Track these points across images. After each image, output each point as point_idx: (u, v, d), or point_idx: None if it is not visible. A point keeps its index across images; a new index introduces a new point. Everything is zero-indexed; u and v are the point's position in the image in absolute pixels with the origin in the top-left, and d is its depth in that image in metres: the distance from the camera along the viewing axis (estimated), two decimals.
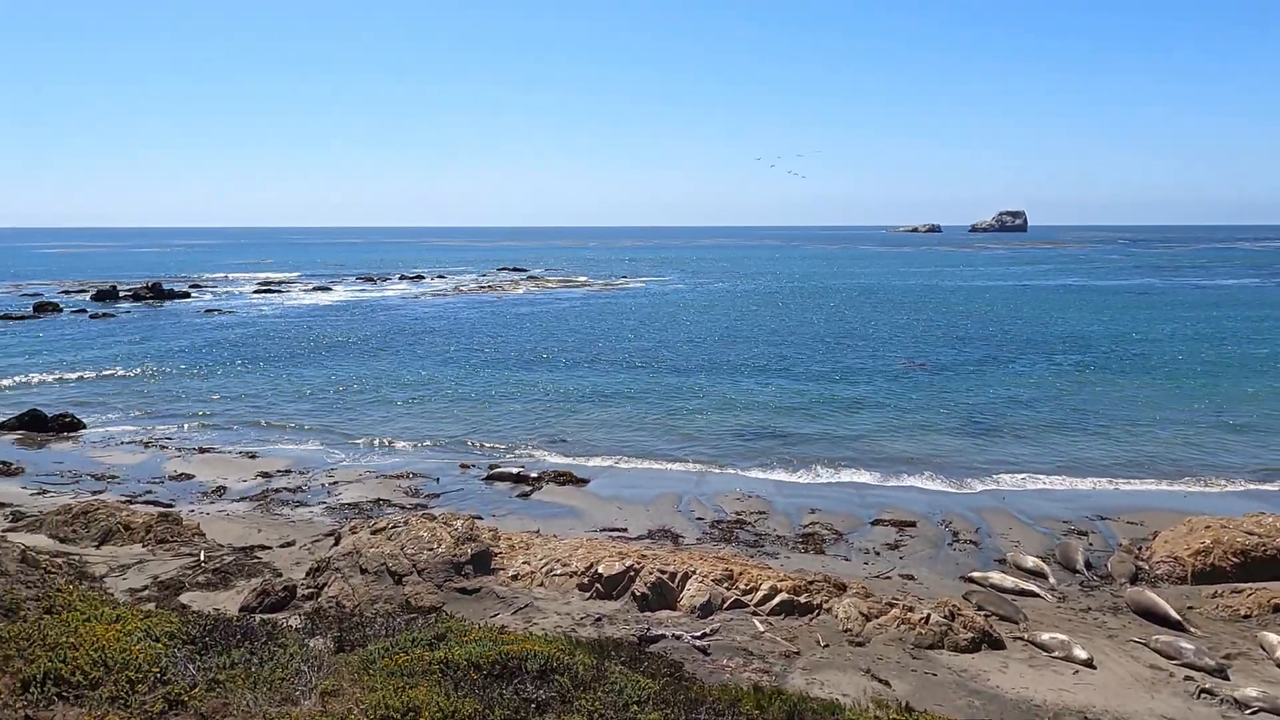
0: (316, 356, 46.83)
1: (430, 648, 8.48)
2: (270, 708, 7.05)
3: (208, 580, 16.57)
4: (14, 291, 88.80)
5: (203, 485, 23.85)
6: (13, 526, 19.11)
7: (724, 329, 57.97)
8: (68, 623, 9.08)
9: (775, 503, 22.37)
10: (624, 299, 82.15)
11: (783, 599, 14.81)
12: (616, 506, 22.07)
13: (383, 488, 23.62)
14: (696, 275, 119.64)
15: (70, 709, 7.04)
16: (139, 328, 60.37)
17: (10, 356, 46.53)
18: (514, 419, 31.84)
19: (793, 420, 31.06)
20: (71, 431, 29.68)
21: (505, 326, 60.06)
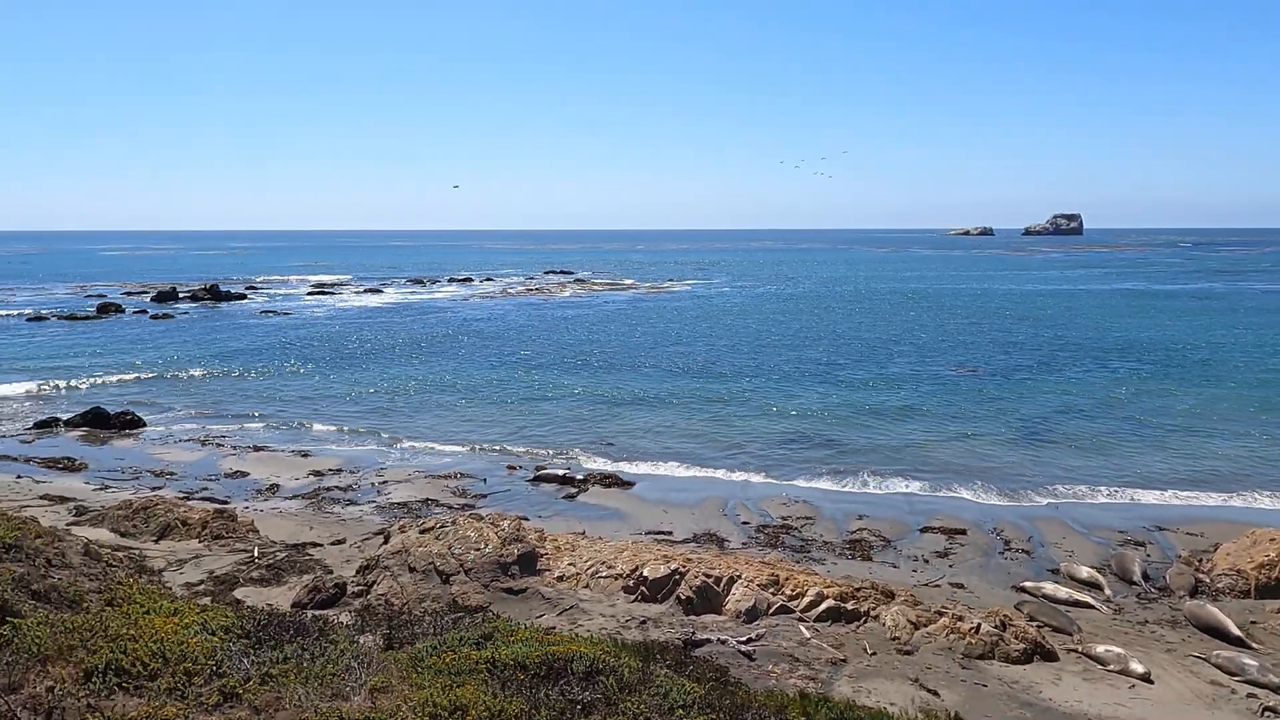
0: (367, 358, 47.58)
1: (477, 647, 8.56)
2: (321, 702, 7.17)
3: (261, 576, 16.91)
4: (79, 293, 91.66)
5: (257, 483, 24.36)
6: (76, 520, 19.70)
7: (770, 333, 57.66)
8: (128, 615, 9.33)
9: (822, 508, 22.18)
10: (670, 302, 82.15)
11: (829, 605, 14.68)
12: (662, 510, 22.07)
13: (431, 488, 23.91)
14: (743, 279, 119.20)
15: (130, 699, 7.22)
16: (197, 328, 61.90)
17: (75, 356, 48.03)
18: (561, 421, 32.01)
19: (840, 426, 30.77)
20: (133, 429, 30.53)
21: (552, 329, 60.42)
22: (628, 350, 49.53)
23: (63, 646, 8.00)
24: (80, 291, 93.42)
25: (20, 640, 8.07)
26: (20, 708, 6.57)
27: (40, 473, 24.94)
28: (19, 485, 23.27)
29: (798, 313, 71.10)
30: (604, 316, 68.91)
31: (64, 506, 21.08)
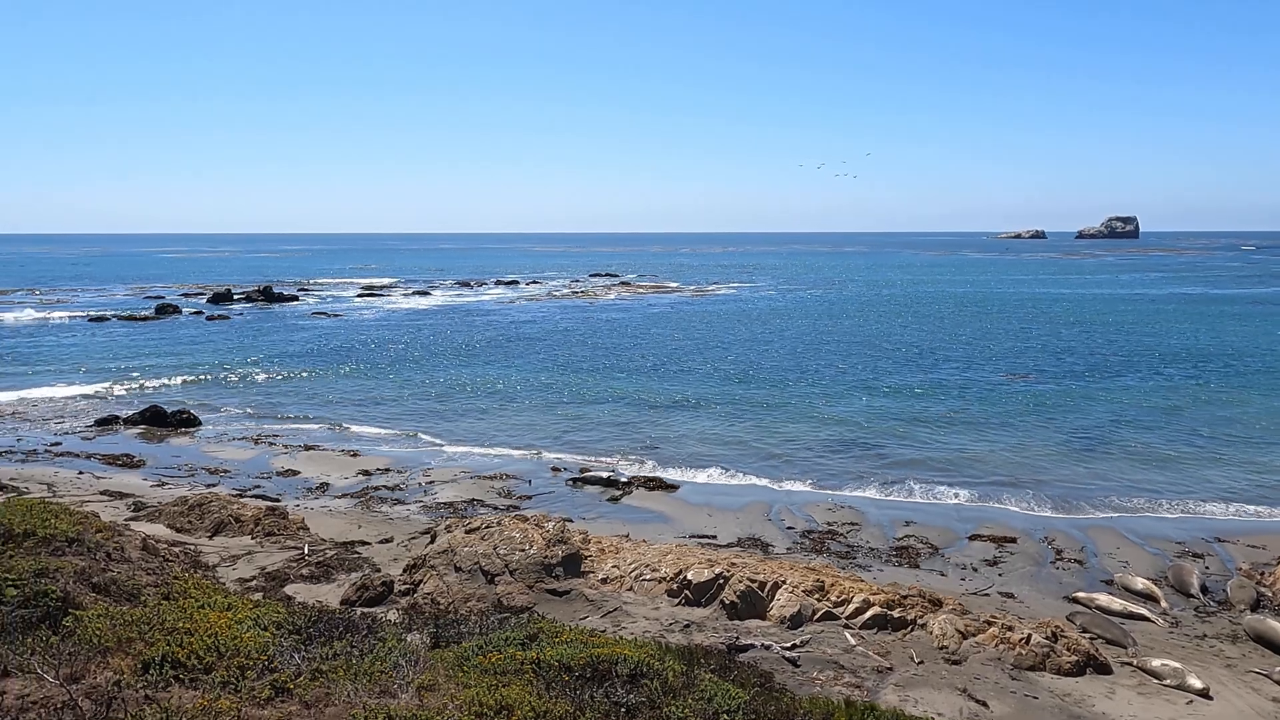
0: (415, 359, 48.17)
1: (523, 647, 8.61)
2: (370, 699, 7.27)
3: (311, 573, 17.20)
4: (138, 294, 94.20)
5: (307, 482, 24.79)
6: (134, 516, 20.23)
7: (815, 337, 57.22)
8: (184, 609, 9.56)
9: (868, 514, 21.95)
10: (714, 305, 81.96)
11: (875, 613, 14.51)
12: (706, 513, 22.01)
13: (476, 488, 24.12)
14: (787, 282, 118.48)
15: (186, 691, 7.39)
16: (251, 329, 63.22)
17: (134, 355, 49.36)
18: (605, 424, 32.10)
19: (886, 432, 30.41)
20: (189, 427, 31.27)
21: (596, 332, 60.62)
22: (672, 353, 49.50)
23: (122, 638, 8.22)
24: (139, 293, 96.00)
25: (82, 632, 8.32)
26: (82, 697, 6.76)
27: (101, 469, 25.67)
28: (80, 481, 23.97)
29: (843, 317, 70.47)
30: (648, 319, 68.98)
31: (123, 502, 21.66)
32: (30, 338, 57.66)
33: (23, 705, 6.48)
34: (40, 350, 51.59)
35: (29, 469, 25.20)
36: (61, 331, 61.32)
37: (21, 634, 8.20)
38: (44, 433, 30.36)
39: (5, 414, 33.41)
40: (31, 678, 7.12)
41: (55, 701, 6.59)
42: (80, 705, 6.60)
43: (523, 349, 52.02)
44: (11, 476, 23.86)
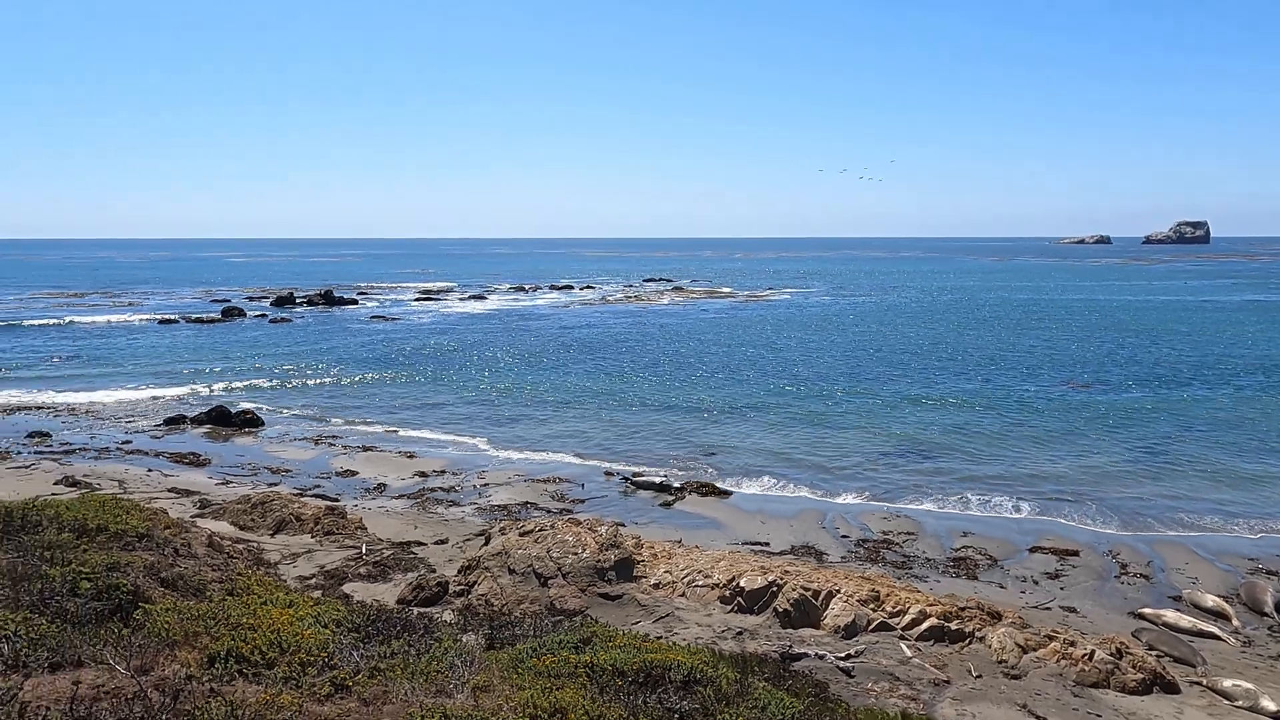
0: (471, 363, 48.75)
1: (576, 651, 8.65)
2: (426, 698, 7.36)
3: (368, 572, 17.50)
4: (204, 297, 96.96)
5: (365, 482, 25.23)
6: (200, 513, 20.80)
7: (870, 343, 56.54)
8: (247, 605, 9.81)
9: (924, 524, 21.60)
10: (768, 311, 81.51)
11: (932, 624, 14.27)
12: (759, 520, 21.87)
13: (530, 491, 24.31)
14: (842, 288, 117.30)
15: (249, 686, 7.57)
16: (312, 332, 64.62)
17: (202, 357, 50.82)
18: (658, 429, 32.10)
19: (943, 441, 29.90)
20: (252, 428, 32.06)
21: (650, 337, 60.70)
22: (726, 359, 49.34)
23: (188, 632, 8.46)
24: (206, 296, 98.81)
25: (151, 625, 8.58)
26: (151, 688, 6.97)
27: (168, 466, 26.46)
28: (149, 478, 24.72)
29: (899, 323, 69.50)
30: (701, 325, 68.86)
31: (189, 499, 22.28)
32: (103, 339, 59.71)
33: (96, 695, 6.70)
34: (113, 351, 53.40)
35: (101, 466, 26.08)
36: (133, 333, 63.39)
37: (94, 625, 8.48)
38: (116, 431, 31.39)
39: (80, 412, 34.63)
40: (104, 668, 7.36)
41: (126, 692, 6.80)
42: (150, 696, 6.80)
43: (576, 354, 52.31)
44: (85, 473, 24.73)
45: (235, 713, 6.58)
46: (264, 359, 49.89)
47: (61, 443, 29.26)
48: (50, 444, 29.07)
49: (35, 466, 25.79)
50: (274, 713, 6.83)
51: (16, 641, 7.34)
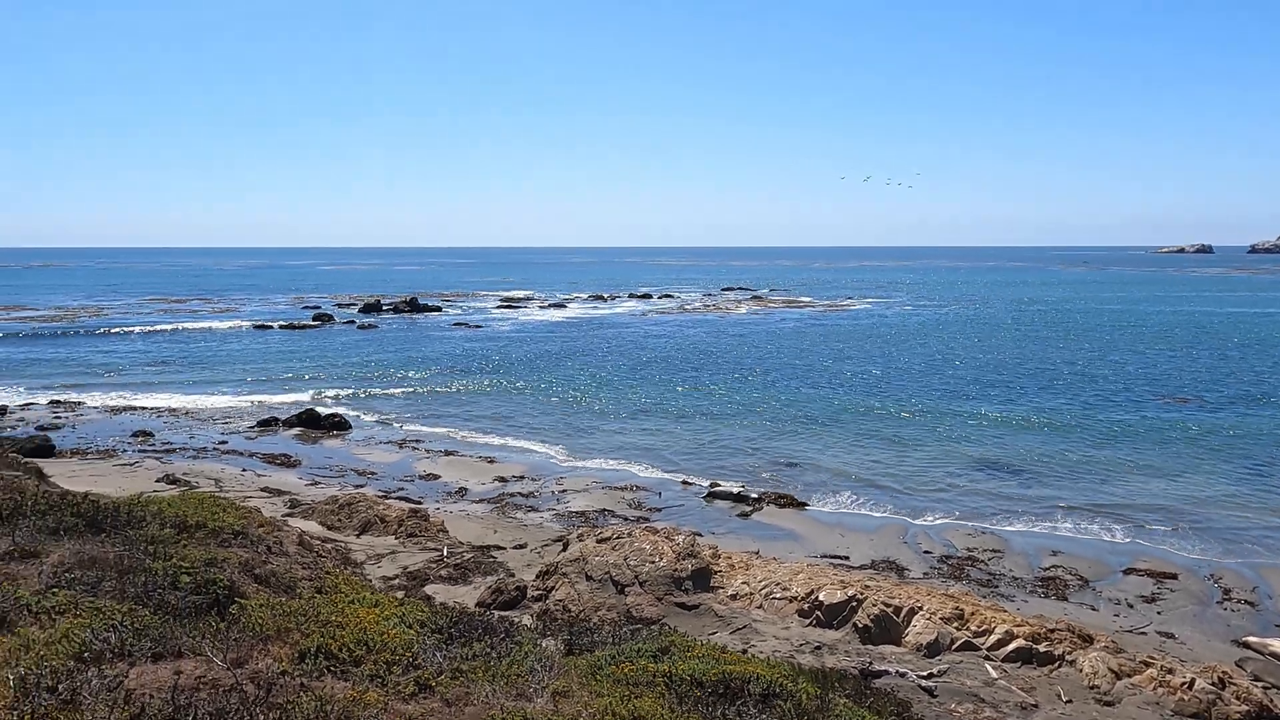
0: (551, 370, 49.32)
1: (655, 659, 8.65)
2: (507, 701, 7.45)
3: (449, 574, 17.83)
4: (296, 304, 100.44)
5: (447, 486, 25.73)
6: (290, 512, 21.51)
7: (955, 355, 55.19)
8: (335, 603, 10.08)
9: (1011, 541, 20.96)
10: (848, 321, 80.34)
11: (1019, 645, 13.82)
12: (838, 533, 21.55)
13: (608, 498, 24.44)
14: (925, 298, 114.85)
15: (337, 682, 7.78)
16: (398, 338, 66.31)
17: (294, 361, 52.65)
18: (737, 439, 31.93)
19: (1030, 457, 28.98)
20: (340, 430, 33.03)
21: (729, 346, 60.45)
22: (805, 370, 48.81)
23: (280, 628, 8.74)
24: (298, 303, 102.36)
25: (246, 620, 8.89)
26: (246, 680, 7.23)
27: (261, 467, 27.46)
28: (244, 478, 25.70)
29: (984, 334, 67.68)
30: (781, 335, 68.27)
31: (280, 499, 23.07)
32: (203, 344, 62.39)
33: (195, 685, 6.98)
34: (212, 355, 55.75)
35: (199, 465, 27.22)
36: (230, 338, 66.07)
37: (193, 618, 8.83)
38: (213, 431, 32.72)
39: (180, 413, 36.22)
40: (202, 660, 7.66)
41: (223, 684, 7.07)
42: (245, 689, 7.05)
43: (654, 362, 52.42)
44: (184, 471, 25.85)
45: (324, 708, 6.77)
46: (352, 364, 51.39)
47: (163, 442, 30.64)
48: (153, 443, 30.47)
49: (139, 464, 27.07)
50: (360, 710, 7.00)
51: (123, 631, 7.70)
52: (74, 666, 6.85)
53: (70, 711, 6.15)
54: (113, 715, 6.10)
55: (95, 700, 6.33)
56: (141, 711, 6.20)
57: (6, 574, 9.33)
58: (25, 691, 6.27)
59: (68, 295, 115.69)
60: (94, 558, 9.86)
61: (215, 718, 6.24)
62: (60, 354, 55.61)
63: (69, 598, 8.57)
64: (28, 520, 11.06)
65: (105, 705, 6.27)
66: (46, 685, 6.39)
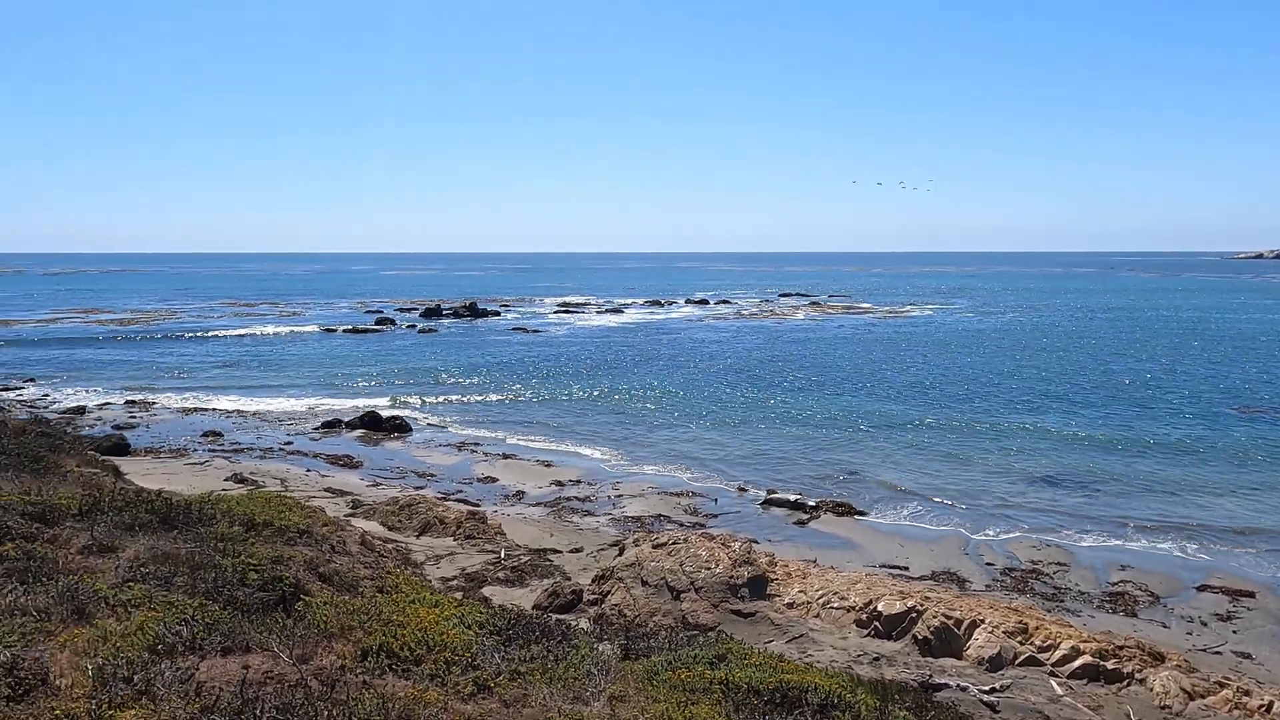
0: (607, 375, 49.52)
1: (711, 666, 8.62)
2: (564, 704, 7.50)
3: (506, 576, 18.01)
4: (359, 308, 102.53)
5: (505, 489, 26.00)
6: (353, 512, 21.95)
7: (1018, 363, 53.96)
8: (397, 603, 10.26)
9: (1077, 555, 20.41)
10: (908, 328, 79.14)
11: (1085, 661, 13.45)
12: (897, 543, 21.23)
13: (664, 504, 24.43)
14: (987, 304, 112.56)
15: (398, 680, 7.92)
16: (457, 342, 67.25)
17: (357, 364, 53.75)
18: (793, 445, 31.68)
19: (1098, 468, 28.18)
20: (401, 433, 33.59)
21: (785, 353, 60.03)
22: (863, 376, 48.22)
23: (344, 626, 8.92)
24: (361, 307, 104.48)
25: (311, 617, 9.10)
26: (311, 676, 7.40)
27: (325, 467, 28.07)
28: (308, 478, 26.30)
29: (1049, 343, 66.05)
30: (838, 341, 67.56)
31: (343, 499, 23.56)
32: (271, 347, 64.09)
33: (263, 679, 7.17)
34: (279, 358, 57.22)
35: (266, 464, 27.94)
36: (296, 341, 67.74)
37: (261, 614, 9.06)
38: (279, 432, 33.56)
39: (248, 414, 37.22)
40: (269, 655, 7.85)
41: (289, 679, 7.24)
42: (309, 684, 7.21)
43: (710, 368, 52.29)
44: (252, 470, 26.56)
45: (385, 706, 6.89)
46: (412, 367, 52.25)
47: (232, 442, 31.52)
48: (222, 443, 31.37)
49: (209, 463, 27.89)
50: (421, 708, 7.11)
51: (194, 625, 7.94)
52: (148, 658, 7.08)
53: (145, 702, 6.36)
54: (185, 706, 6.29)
55: (168, 691, 6.53)
56: (213, 704, 6.38)
57: (85, 567, 9.69)
58: (103, 681, 6.51)
59: (143, 299, 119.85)
60: (167, 553, 10.18)
61: (282, 712, 6.39)
62: (136, 356, 57.62)
63: (144, 591, 8.87)
64: (105, 516, 11.47)
65: (178, 696, 6.47)
66: (123, 675, 6.62)
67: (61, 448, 19.19)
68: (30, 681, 6.43)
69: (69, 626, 7.67)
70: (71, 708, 6.04)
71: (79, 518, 11.46)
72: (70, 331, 73.27)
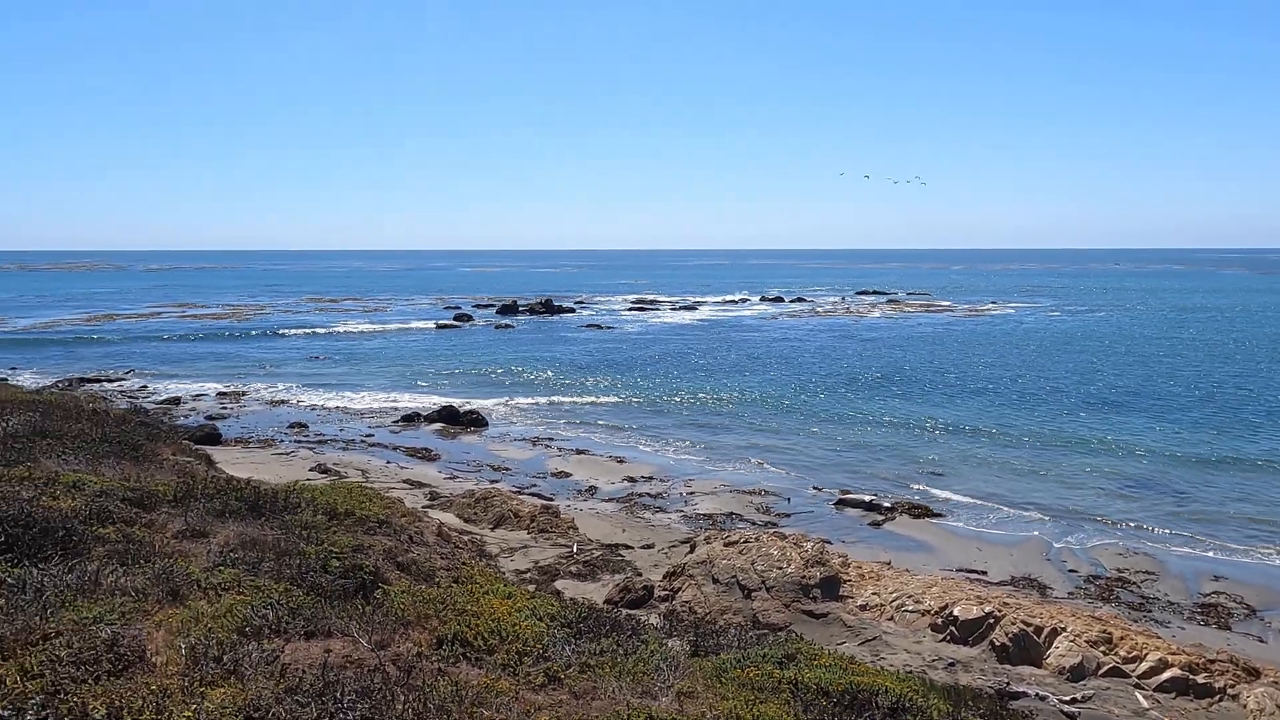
0: (680, 372, 49.54)
1: (780, 666, 8.60)
2: (633, 698, 7.57)
3: (578, 571, 18.21)
4: (439, 304, 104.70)
5: (578, 484, 26.26)
6: (430, 504, 22.46)
7: (1106, 363, 52.08)
8: (471, 593, 10.49)
9: (1166, 564, 19.65)
10: (989, 326, 77.13)
11: (1174, 675, 12.96)
12: (976, 547, 20.76)
13: (736, 502, 24.36)
14: (1073, 303, 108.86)
15: (471, 669, 8.11)
16: (532, 338, 68.13)
17: (435, 359, 54.93)
18: (869, 446, 31.22)
19: (1190, 475, 27.04)
20: (477, 427, 34.23)
21: (862, 351, 59.13)
22: (942, 376, 47.20)
23: (420, 614, 9.17)
24: (440, 303, 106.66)
25: (389, 605, 9.37)
26: (388, 662, 7.63)
27: (404, 459, 28.77)
28: (388, 470, 27.01)
29: (1140, 343, 63.56)
30: (916, 339, 66.25)
31: (421, 491, 24.12)
32: (355, 342, 65.97)
33: (343, 664, 7.42)
34: (361, 352, 58.84)
35: (348, 456, 28.79)
36: (378, 337, 69.56)
37: (342, 601, 9.37)
38: (361, 424, 34.53)
39: (331, 408, 38.39)
40: (349, 640, 8.13)
41: (368, 664, 7.48)
42: (387, 670, 7.44)
43: (784, 366, 51.86)
44: (334, 461, 27.40)
45: (459, 693, 7.07)
46: (489, 363, 53.14)
47: (316, 433, 32.56)
48: (307, 434, 32.42)
49: (294, 454, 28.87)
50: (493, 697, 7.27)
51: (279, 609, 8.26)
52: (236, 639, 7.40)
53: (233, 681, 6.65)
54: (271, 687, 6.56)
55: (255, 672, 6.82)
56: (297, 685, 6.63)
57: (179, 551, 10.16)
58: (195, 659, 6.83)
59: (235, 295, 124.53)
60: (255, 539, 10.60)
61: (361, 696, 6.60)
62: (227, 349, 59.96)
63: (233, 575, 9.25)
64: (198, 503, 12.00)
65: (264, 677, 6.75)
66: (213, 655, 6.93)
67: (158, 436, 20.10)
68: (129, 658, 6.79)
69: (164, 607, 8.07)
70: (166, 684, 6.36)
71: (174, 504, 12.02)
72: (167, 326, 76.65)
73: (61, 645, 6.62)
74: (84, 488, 11.86)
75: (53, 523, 9.61)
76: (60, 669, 6.29)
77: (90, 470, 13.82)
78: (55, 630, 6.93)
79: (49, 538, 9.27)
